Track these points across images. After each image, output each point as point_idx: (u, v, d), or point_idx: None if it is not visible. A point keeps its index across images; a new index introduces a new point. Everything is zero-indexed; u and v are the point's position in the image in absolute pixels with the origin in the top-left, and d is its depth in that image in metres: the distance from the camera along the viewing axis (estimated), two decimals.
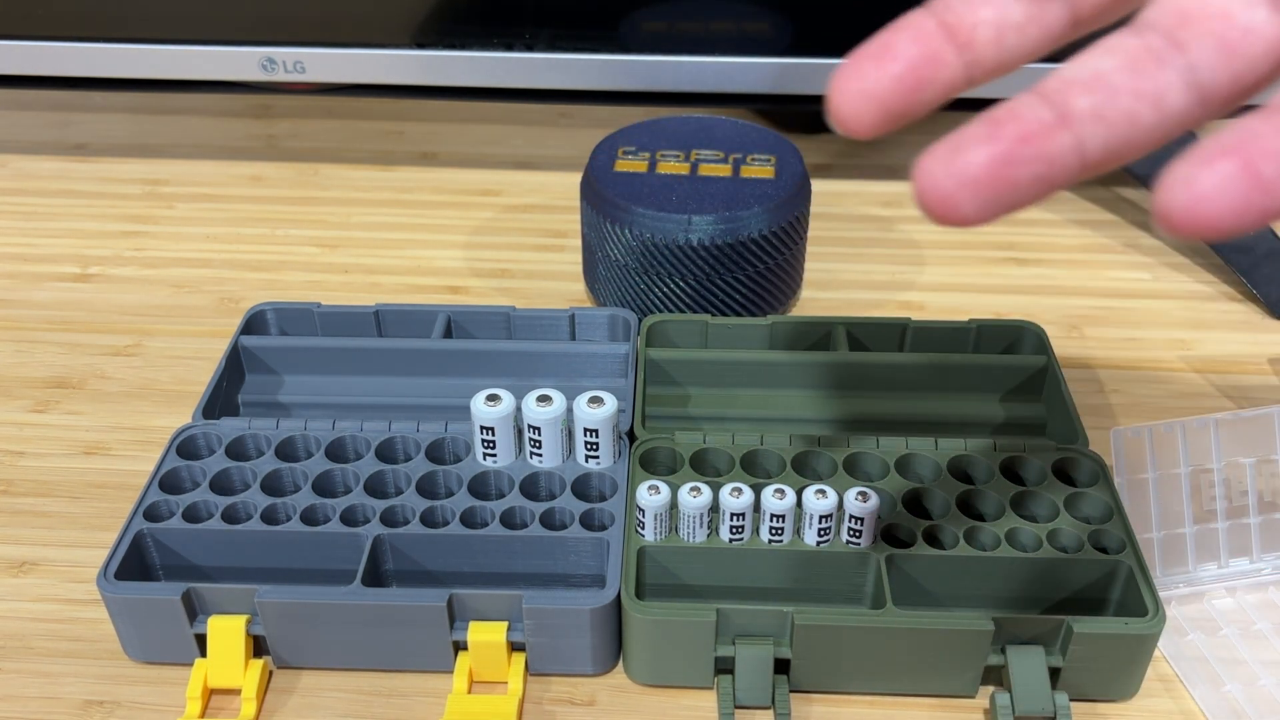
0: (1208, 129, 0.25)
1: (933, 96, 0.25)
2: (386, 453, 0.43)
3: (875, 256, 0.60)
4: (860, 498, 0.38)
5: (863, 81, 0.25)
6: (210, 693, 0.38)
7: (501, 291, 0.58)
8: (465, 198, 0.66)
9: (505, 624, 0.38)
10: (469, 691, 0.38)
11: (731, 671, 0.38)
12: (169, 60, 0.60)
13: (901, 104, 0.25)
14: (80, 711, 0.38)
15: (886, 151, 0.70)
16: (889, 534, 0.40)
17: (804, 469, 0.43)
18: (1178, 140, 0.24)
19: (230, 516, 0.41)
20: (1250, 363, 0.53)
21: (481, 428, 0.41)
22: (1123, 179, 0.66)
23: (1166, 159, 0.30)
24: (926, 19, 0.25)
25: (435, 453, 0.43)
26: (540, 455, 0.42)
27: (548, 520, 0.41)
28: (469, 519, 0.41)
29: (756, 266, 0.50)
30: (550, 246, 0.61)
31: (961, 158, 0.23)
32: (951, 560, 0.39)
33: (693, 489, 0.39)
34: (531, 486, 0.42)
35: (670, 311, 0.51)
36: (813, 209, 0.53)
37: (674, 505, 0.39)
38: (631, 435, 0.43)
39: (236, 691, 0.38)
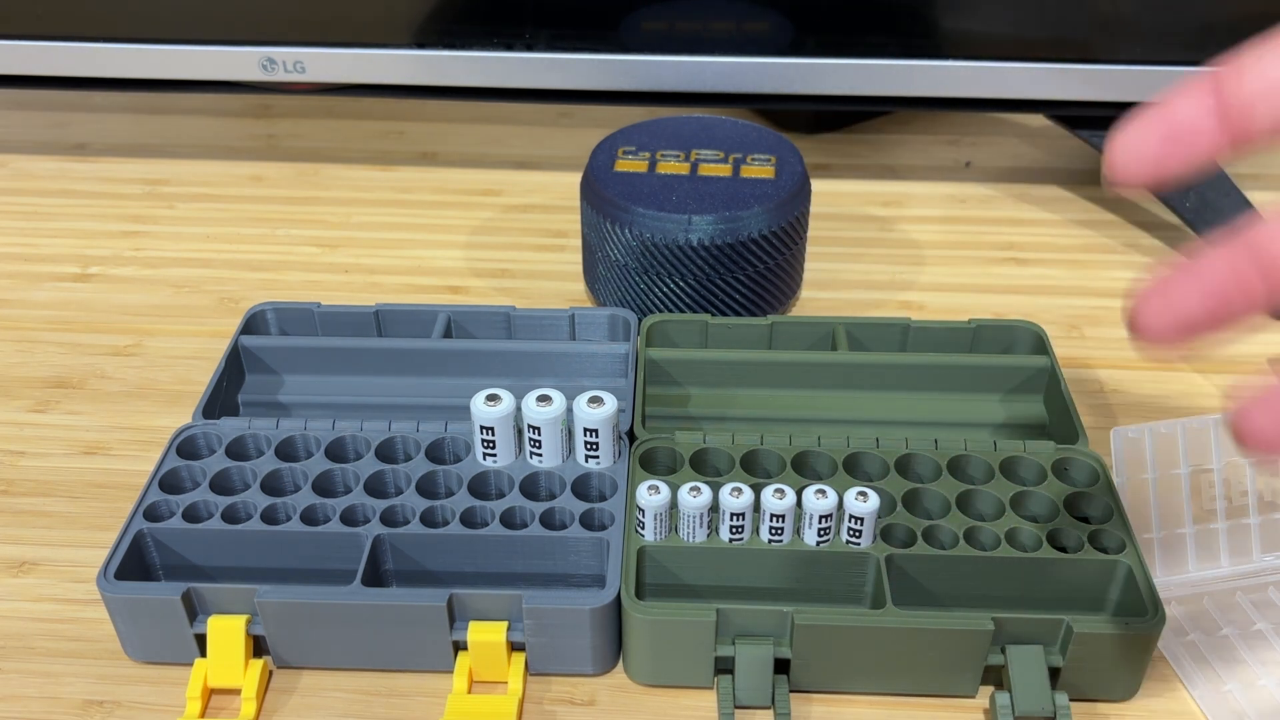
0: None
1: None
2: (386, 453, 0.43)
3: (875, 256, 0.60)
4: (860, 498, 0.38)
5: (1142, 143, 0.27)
6: (210, 693, 0.38)
7: (501, 291, 0.58)
8: (465, 198, 0.66)
9: (505, 624, 0.38)
10: (469, 691, 0.38)
11: (731, 671, 0.38)
12: (169, 60, 0.60)
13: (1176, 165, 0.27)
14: (80, 711, 0.38)
15: (886, 151, 0.70)
16: (889, 534, 0.40)
17: (804, 469, 0.43)
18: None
19: (230, 516, 0.41)
20: (1250, 363, 0.53)
21: (481, 428, 0.41)
22: None
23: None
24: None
25: (435, 453, 0.43)
26: (540, 455, 0.42)
27: (548, 520, 0.41)
28: (469, 519, 0.41)
29: (756, 266, 0.50)
30: (550, 246, 0.61)
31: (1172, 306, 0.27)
32: (951, 560, 0.39)
33: (693, 489, 0.39)
34: (531, 486, 0.42)
35: (670, 311, 0.51)
36: (813, 209, 0.53)
37: (674, 505, 0.39)
38: (631, 435, 0.43)
39: (236, 691, 0.38)
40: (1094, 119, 0.60)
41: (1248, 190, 0.60)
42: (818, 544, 0.39)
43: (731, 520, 0.39)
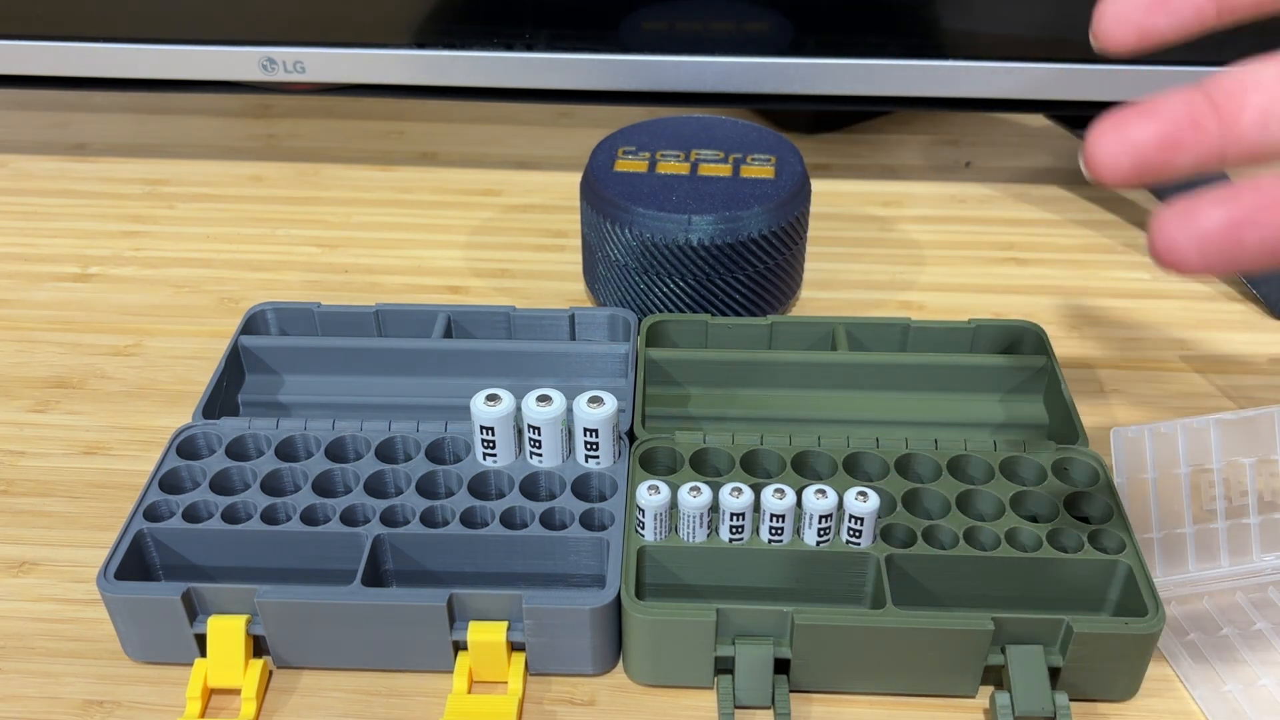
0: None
1: (1187, 161, 0.27)
2: (386, 453, 0.43)
3: (875, 256, 0.60)
4: (860, 498, 0.38)
5: (1124, 133, 0.27)
6: (210, 693, 0.38)
7: (501, 291, 0.58)
8: (465, 198, 0.66)
9: (505, 624, 0.38)
10: (469, 691, 0.38)
11: (731, 671, 0.38)
12: (169, 60, 0.60)
13: (1157, 160, 0.27)
14: (80, 711, 0.38)
15: (886, 151, 0.70)
16: (889, 534, 0.40)
17: (804, 469, 0.43)
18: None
19: (230, 516, 0.41)
20: (1250, 363, 0.53)
21: (481, 428, 0.41)
22: None
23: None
24: (1196, 93, 0.27)
25: (435, 453, 0.43)
26: (540, 455, 0.42)
27: (548, 520, 0.41)
28: (469, 519, 0.41)
29: (756, 266, 0.50)
30: (550, 246, 0.61)
31: (1199, 215, 0.26)
32: (951, 560, 0.39)
33: (693, 489, 0.39)
34: (531, 486, 0.42)
35: (670, 311, 0.51)
36: (813, 209, 0.53)
37: (674, 505, 0.39)
38: (631, 435, 0.43)
39: (236, 691, 0.38)
40: (1094, 119, 0.60)
41: None
42: (818, 544, 0.39)
43: (731, 520, 0.39)
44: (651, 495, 0.39)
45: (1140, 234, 0.62)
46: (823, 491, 0.39)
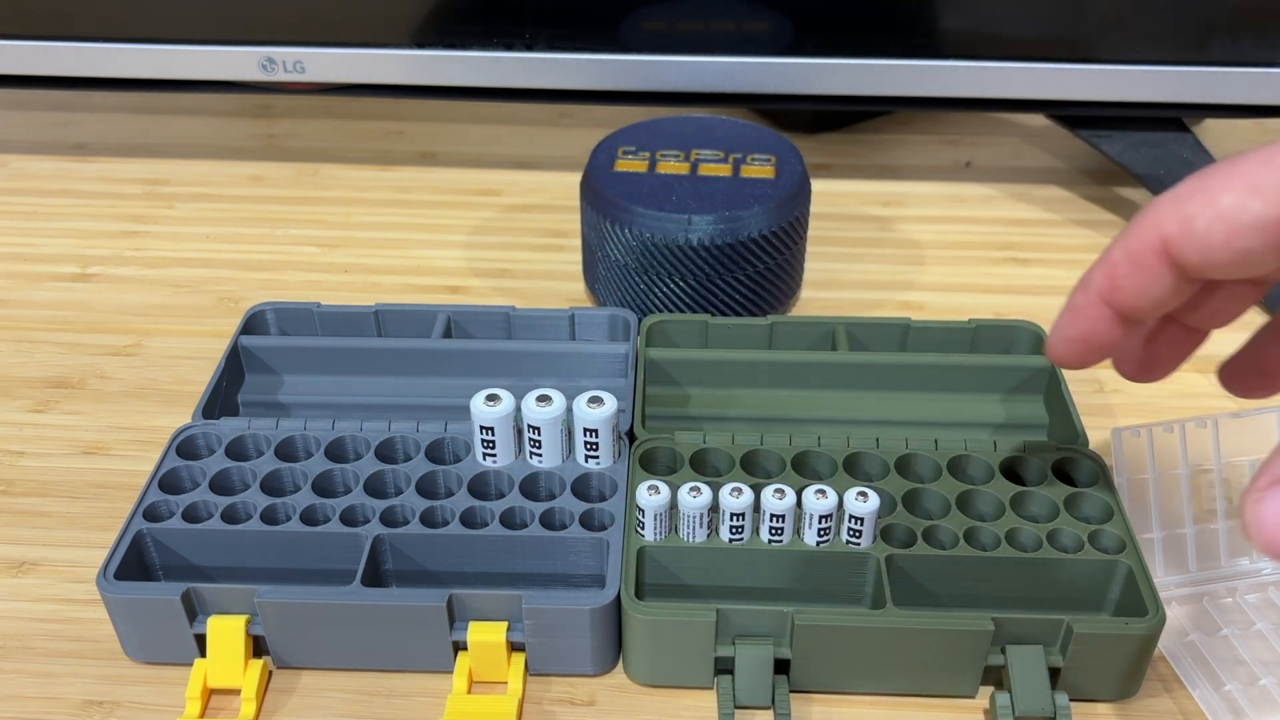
0: None
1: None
2: (386, 453, 0.43)
3: (875, 256, 0.60)
4: (860, 498, 0.38)
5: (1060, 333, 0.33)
6: (210, 693, 0.38)
7: (501, 291, 0.58)
8: (465, 198, 0.66)
9: (505, 624, 0.38)
10: (469, 691, 0.38)
11: (731, 671, 0.38)
12: (169, 60, 0.61)
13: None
14: (80, 711, 0.38)
15: (886, 151, 0.70)
16: (889, 534, 0.40)
17: (804, 469, 0.43)
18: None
19: (230, 516, 0.41)
20: None
21: (481, 428, 0.41)
22: (1123, 179, 0.66)
23: (1166, 159, 0.30)
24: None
25: (435, 453, 0.43)
26: (540, 455, 0.42)
27: (548, 520, 0.41)
28: (469, 519, 0.41)
29: (756, 266, 0.50)
30: (550, 246, 0.61)
31: None
32: (951, 560, 0.39)
33: (693, 489, 0.39)
34: (531, 486, 0.42)
35: (670, 311, 0.51)
36: (813, 209, 0.53)
37: (674, 505, 0.39)
38: (631, 435, 0.43)
39: (236, 691, 0.38)
40: (1094, 119, 0.60)
41: None
42: (818, 544, 0.39)
43: (731, 520, 0.39)
44: (651, 495, 0.39)
45: None
46: (823, 492, 0.39)
